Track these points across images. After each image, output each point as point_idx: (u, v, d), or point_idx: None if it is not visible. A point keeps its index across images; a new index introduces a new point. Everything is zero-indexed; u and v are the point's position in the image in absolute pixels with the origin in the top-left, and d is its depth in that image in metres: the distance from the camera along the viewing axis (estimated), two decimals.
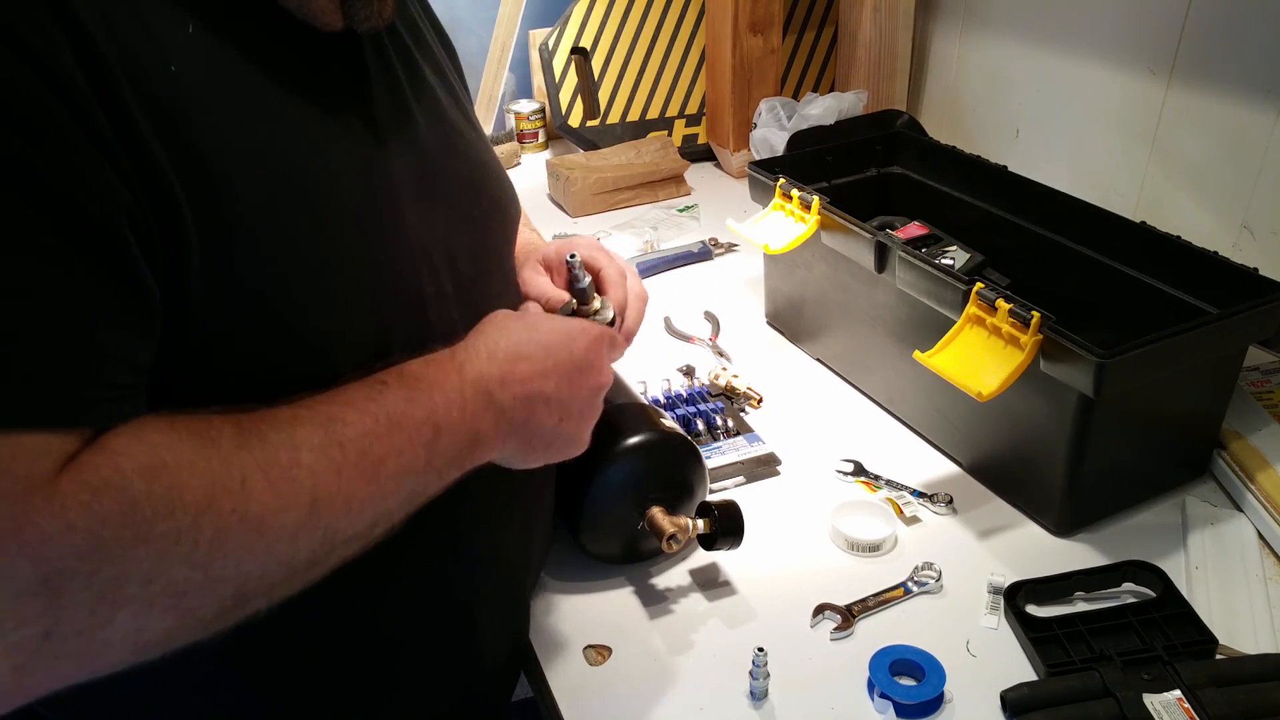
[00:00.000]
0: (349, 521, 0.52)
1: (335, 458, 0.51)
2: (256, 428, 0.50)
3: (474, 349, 0.60)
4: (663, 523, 0.80)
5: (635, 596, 0.85)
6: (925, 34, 1.67)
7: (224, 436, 0.49)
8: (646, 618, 0.83)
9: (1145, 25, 1.26)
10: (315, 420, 0.52)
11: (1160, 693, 0.70)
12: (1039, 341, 0.82)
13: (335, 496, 0.51)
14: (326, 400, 0.54)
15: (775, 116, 1.61)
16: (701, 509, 0.84)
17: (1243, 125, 1.17)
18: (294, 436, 0.51)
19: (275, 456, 0.49)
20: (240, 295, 0.52)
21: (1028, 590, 0.82)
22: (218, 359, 0.52)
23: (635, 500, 0.83)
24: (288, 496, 0.49)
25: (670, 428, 0.85)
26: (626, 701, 0.76)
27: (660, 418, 0.86)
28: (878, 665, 0.75)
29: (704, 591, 0.86)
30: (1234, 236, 1.20)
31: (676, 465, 0.84)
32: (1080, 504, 0.90)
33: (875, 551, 0.89)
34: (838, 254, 1.08)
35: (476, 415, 0.59)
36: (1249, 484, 0.92)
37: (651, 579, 0.87)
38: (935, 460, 1.01)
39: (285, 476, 0.49)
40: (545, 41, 1.76)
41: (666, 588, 0.86)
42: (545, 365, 0.62)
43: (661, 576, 0.87)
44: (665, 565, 0.88)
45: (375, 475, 0.53)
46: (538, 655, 0.80)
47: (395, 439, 0.54)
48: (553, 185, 1.68)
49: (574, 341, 0.64)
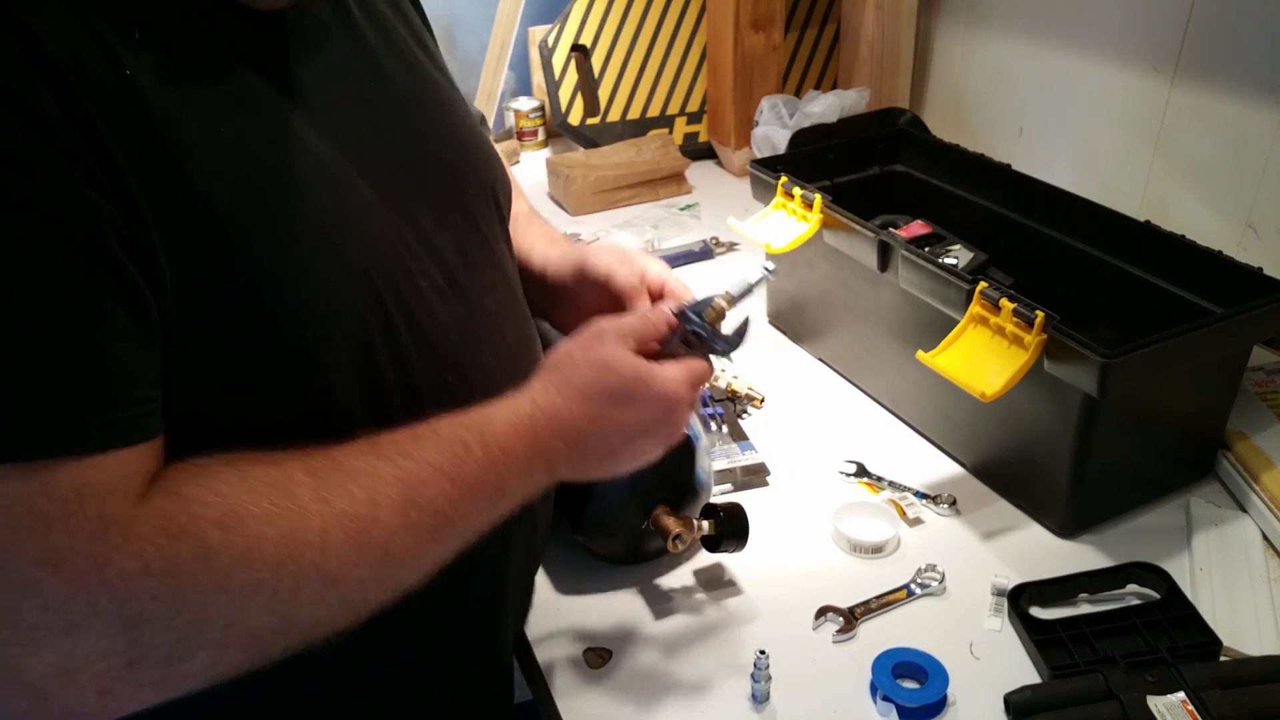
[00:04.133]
0: (414, 574, 0.56)
1: (412, 518, 0.54)
2: (334, 477, 0.52)
3: (548, 413, 0.62)
4: (668, 522, 0.80)
5: (636, 599, 0.85)
6: (928, 31, 1.67)
7: (301, 487, 0.51)
8: (647, 621, 0.83)
9: (1149, 23, 1.26)
10: (395, 478, 0.54)
11: (1164, 695, 0.70)
12: (1043, 341, 0.82)
13: (407, 553, 0.54)
14: (408, 445, 0.56)
15: (777, 114, 1.61)
16: (707, 510, 0.84)
17: (1247, 124, 1.16)
18: (375, 493, 0.53)
19: (356, 511, 0.52)
20: (215, 298, 0.51)
21: (1031, 592, 0.81)
22: (206, 368, 0.52)
23: (640, 501, 0.82)
24: (364, 551, 0.52)
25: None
26: (627, 705, 0.75)
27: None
28: (880, 668, 0.75)
29: (705, 594, 0.85)
30: (1238, 235, 1.20)
31: (683, 466, 0.84)
32: (1084, 505, 0.89)
33: (878, 553, 0.88)
34: (840, 253, 1.08)
35: (540, 479, 0.63)
36: (1253, 485, 0.91)
37: (652, 582, 0.87)
38: (938, 461, 1.01)
39: (364, 532, 0.52)
40: (545, 39, 1.75)
41: (667, 590, 0.86)
42: (619, 416, 0.64)
43: (662, 579, 0.87)
44: (666, 568, 0.88)
45: (445, 535, 0.57)
46: (538, 658, 0.80)
47: (468, 505, 0.57)
48: (552, 184, 1.68)
49: (651, 384, 0.65)
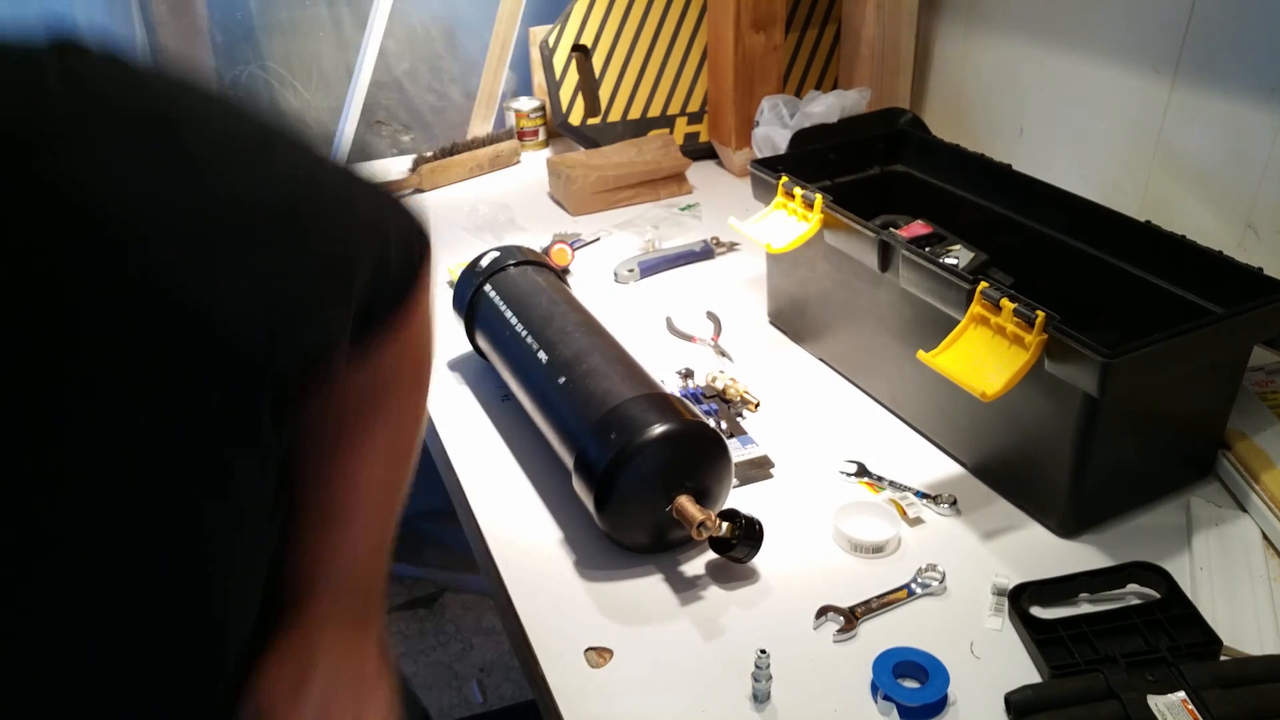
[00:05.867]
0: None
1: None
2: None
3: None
4: (692, 510, 0.83)
5: (636, 599, 0.85)
6: (929, 31, 1.67)
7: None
8: (648, 620, 0.83)
9: (1149, 23, 1.26)
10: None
11: (1165, 694, 0.70)
12: (1043, 341, 0.82)
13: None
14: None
15: (778, 114, 1.61)
16: (727, 513, 0.85)
17: (1247, 124, 1.16)
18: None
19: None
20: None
21: (1032, 592, 0.81)
22: None
23: (663, 488, 0.85)
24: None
25: (701, 418, 0.88)
26: (628, 704, 0.75)
27: (688, 409, 0.89)
28: (881, 667, 0.75)
29: (705, 593, 0.85)
30: (1238, 236, 1.20)
31: (707, 458, 0.87)
32: (1084, 505, 0.89)
33: (878, 553, 0.88)
34: (841, 253, 1.08)
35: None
36: (1254, 485, 0.91)
37: (653, 582, 0.87)
38: (939, 461, 1.01)
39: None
40: (546, 39, 1.76)
41: (667, 590, 0.86)
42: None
43: (662, 579, 0.87)
44: (666, 568, 0.88)
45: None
46: (538, 657, 0.80)
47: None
48: (553, 184, 1.68)
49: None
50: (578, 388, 0.93)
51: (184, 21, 1.70)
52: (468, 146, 1.78)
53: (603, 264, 1.44)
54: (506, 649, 2.01)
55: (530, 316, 1.05)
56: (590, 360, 0.95)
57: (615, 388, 0.91)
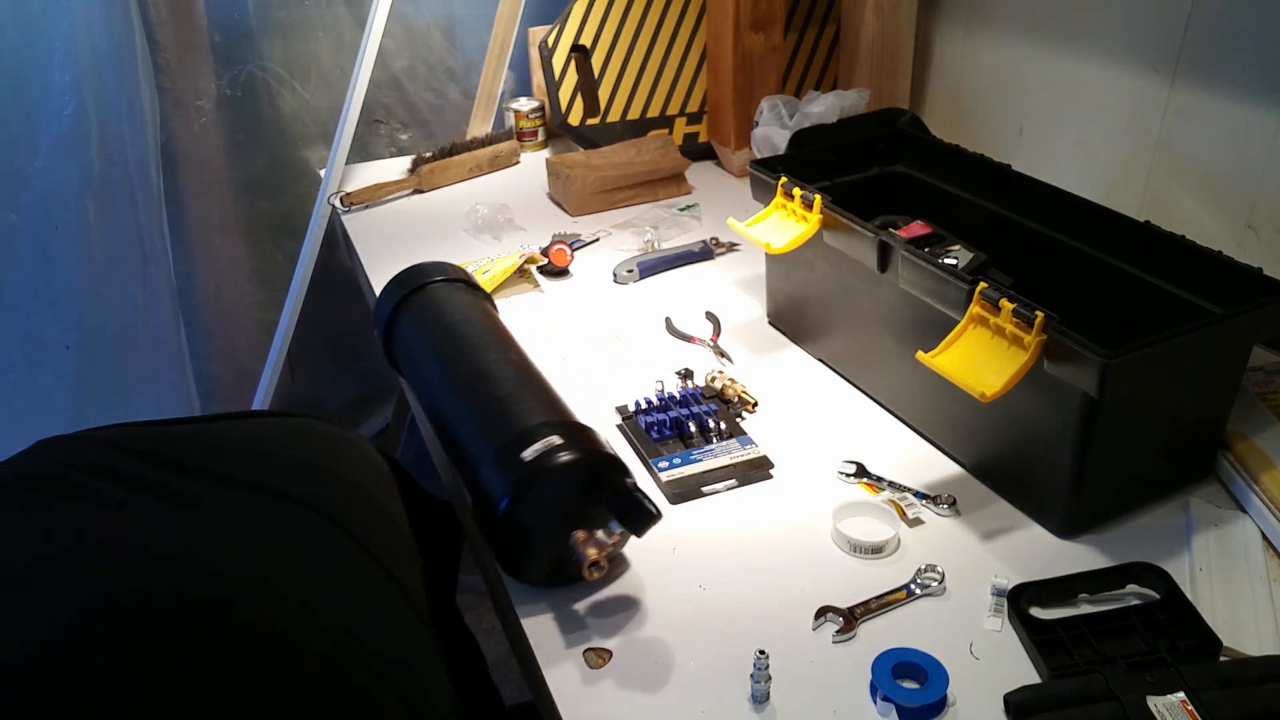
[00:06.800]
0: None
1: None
2: None
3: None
4: (586, 549, 0.79)
5: (635, 599, 0.85)
6: (928, 32, 1.67)
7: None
8: (647, 621, 0.83)
9: (1149, 24, 1.26)
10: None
11: (1164, 695, 0.70)
12: (1043, 342, 0.82)
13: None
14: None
15: (777, 115, 1.61)
16: (610, 501, 0.81)
17: (1247, 124, 1.16)
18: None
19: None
20: None
21: (1031, 592, 0.81)
22: None
23: (553, 531, 0.81)
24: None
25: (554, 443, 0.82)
26: (626, 705, 0.75)
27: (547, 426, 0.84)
28: (880, 668, 0.75)
29: (705, 594, 0.85)
30: (1238, 236, 1.20)
31: (593, 483, 0.82)
32: (1084, 505, 0.89)
33: (878, 554, 0.88)
34: (840, 253, 1.08)
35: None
36: (1253, 485, 0.91)
37: (652, 582, 0.87)
38: (938, 461, 1.01)
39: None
40: (545, 39, 1.75)
41: (667, 590, 0.86)
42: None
43: (661, 579, 0.87)
44: (666, 568, 0.88)
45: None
46: (537, 658, 0.80)
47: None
48: (552, 184, 1.68)
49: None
50: (450, 446, 0.94)
51: (183, 21, 1.70)
52: (467, 147, 1.78)
53: (602, 264, 1.44)
54: (505, 649, 2.00)
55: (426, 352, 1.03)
56: (449, 406, 0.95)
57: (473, 447, 0.88)
